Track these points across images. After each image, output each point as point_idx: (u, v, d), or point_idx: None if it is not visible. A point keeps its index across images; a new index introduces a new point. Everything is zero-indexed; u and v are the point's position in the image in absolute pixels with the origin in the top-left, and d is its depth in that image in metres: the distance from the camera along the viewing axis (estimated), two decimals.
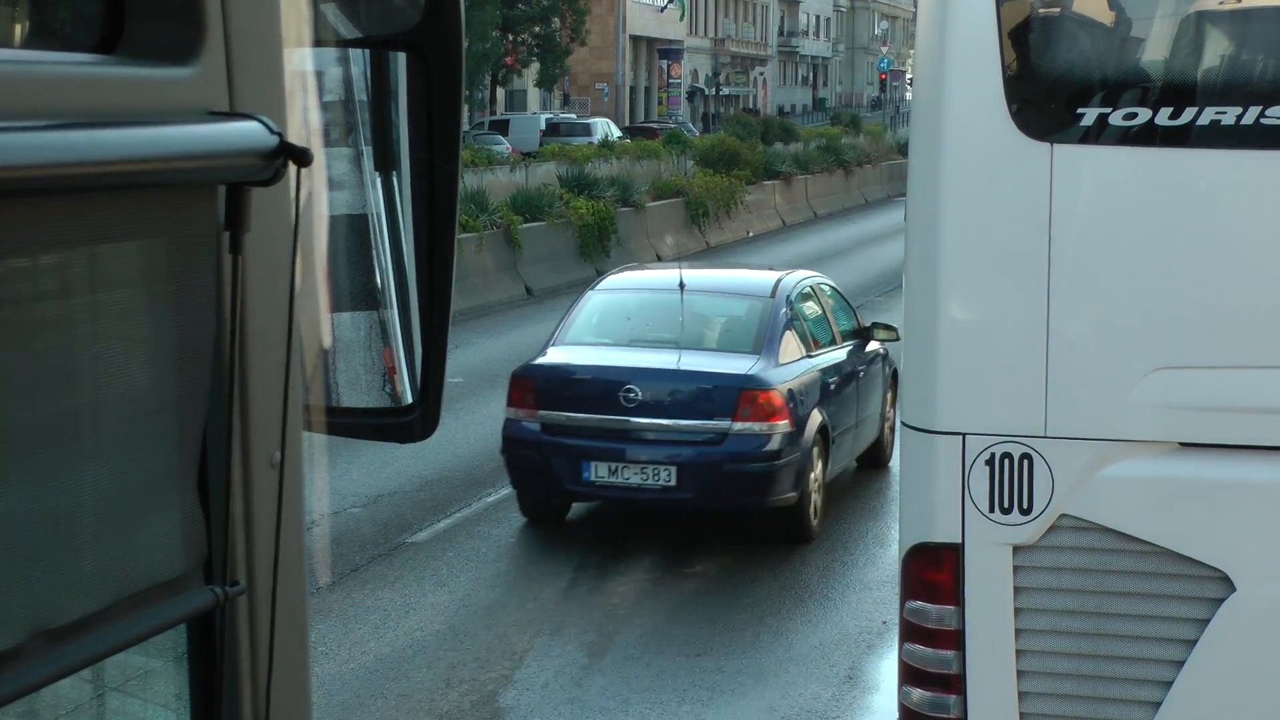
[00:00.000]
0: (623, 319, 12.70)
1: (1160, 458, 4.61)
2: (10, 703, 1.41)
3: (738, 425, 11.48)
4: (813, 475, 11.92)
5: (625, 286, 13.40)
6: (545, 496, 12.24)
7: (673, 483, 11.56)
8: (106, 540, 1.54)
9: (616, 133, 53.47)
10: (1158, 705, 4.66)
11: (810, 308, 13.01)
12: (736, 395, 11.53)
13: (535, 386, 11.93)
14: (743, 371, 11.73)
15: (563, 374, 12.01)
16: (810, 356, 12.35)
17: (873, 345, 13.59)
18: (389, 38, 2.26)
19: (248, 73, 1.64)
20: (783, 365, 11.91)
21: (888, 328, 13.25)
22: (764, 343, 12.01)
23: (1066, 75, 4.70)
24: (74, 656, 1.48)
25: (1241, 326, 4.53)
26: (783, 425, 11.51)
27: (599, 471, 11.66)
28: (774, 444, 11.49)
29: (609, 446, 11.63)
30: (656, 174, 35.71)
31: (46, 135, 1.37)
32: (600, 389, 11.71)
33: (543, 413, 11.79)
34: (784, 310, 12.37)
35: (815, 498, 12.02)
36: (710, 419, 11.51)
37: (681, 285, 12.48)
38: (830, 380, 12.43)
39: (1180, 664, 4.63)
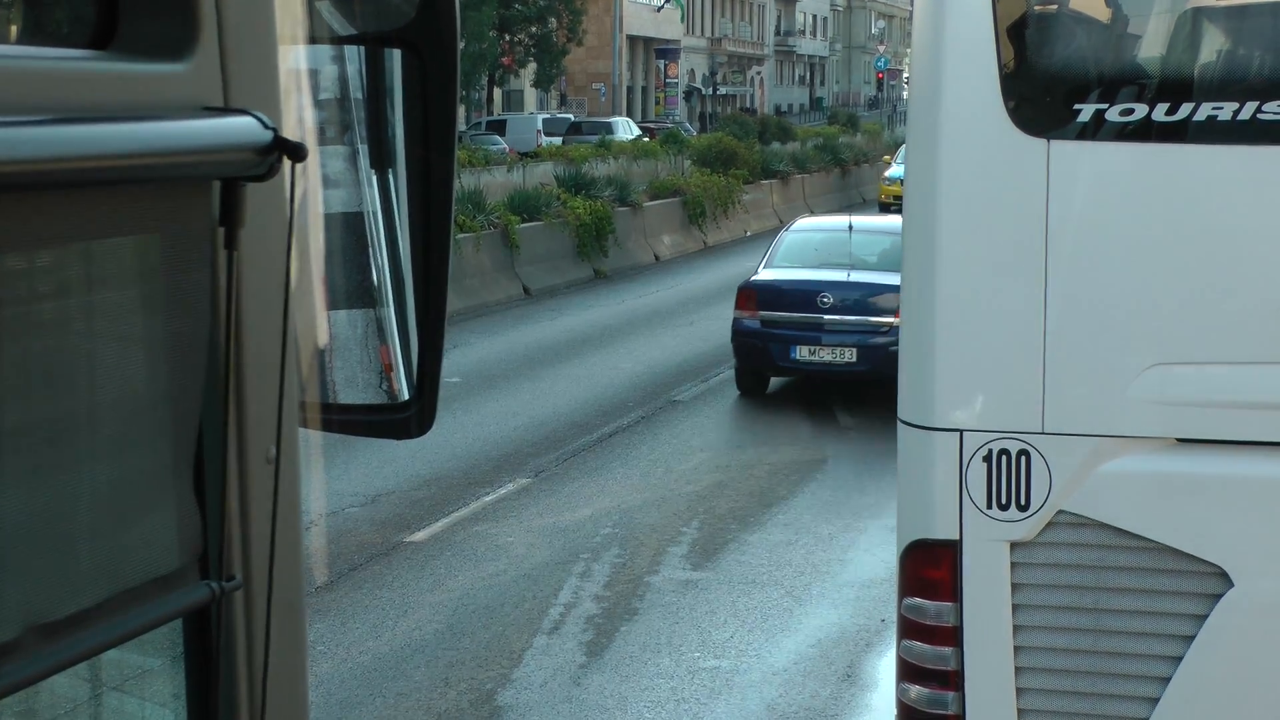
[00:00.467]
0: (810, 250, 18.03)
1: (1157, 453, 4.61)
2: (7, 696, 1.41)
3: (898, 319, 16.16)
4: None
5: (809, 229, 19.30)
6: (761, 371, 17.44)
7: (854, 360, 16.58)
8: (103, 535, 1.54)
9: (636, 131, 54.19)
10: (1155, 701, 4.66)
11: None
12: (897, 299, 16.24)
13: (756, 295, 17.13)
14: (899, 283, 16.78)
15: (775, 286, 17.26)
16: None
17: None
18: (383, 34, 2.26)
19: (242, 68, 1.64)
20: None
21: None
22: None
23: (1063, 72, 4.70)
24: (70, 651, 1.48)
25: (1239, 322, 4.53)
26: None
27: (801, 353, 16.74)
28: None
29: (809, 335, 16.71)
30: (654, 174, 35.69)
31: (41, 131, 1.37)
32: (802, 296, 16.90)
33: (761, 313, 16.94)
34: None
35: None
36: (879, 316, 16.52)
37: (850, 227, 18.26)
38: None
39: (1178, 660, 4.63)
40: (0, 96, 1.37)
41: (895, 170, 41.71)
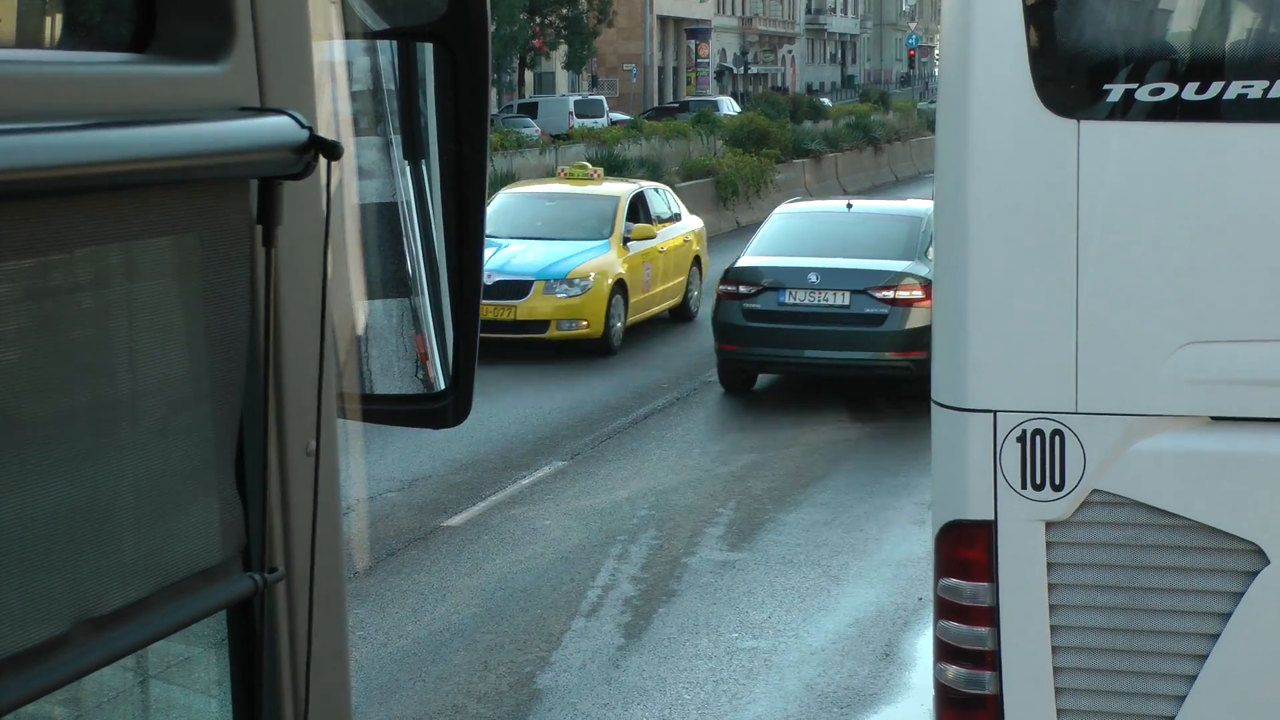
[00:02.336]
0: None
1: (1192, 432, 4.61)
2: (56, 690, 1.44)
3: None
4: None
5: None
6: None
7: None
8: (148, 529, 1.57)
9: (737, 109, 56.15)
10: (1193, 679, 4.66)
11: None
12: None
13: None
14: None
15: None
16: None
17: None
18: (415, 29, 2.28)
19: (278, 68, 1.66)
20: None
21: None
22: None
23: (1092, 51, 4.69)
24: (117, 644, 1.50)
25: (1271, 300, 4.53)
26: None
27: None
28: None
29: None
30: (685, 154, 35.65)
31: (84, 134, 1.40)
32: None
33: None
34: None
35: None
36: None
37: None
38: None
39: (1215, 637, 4.63)
40: (46, 101, 1.40)
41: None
